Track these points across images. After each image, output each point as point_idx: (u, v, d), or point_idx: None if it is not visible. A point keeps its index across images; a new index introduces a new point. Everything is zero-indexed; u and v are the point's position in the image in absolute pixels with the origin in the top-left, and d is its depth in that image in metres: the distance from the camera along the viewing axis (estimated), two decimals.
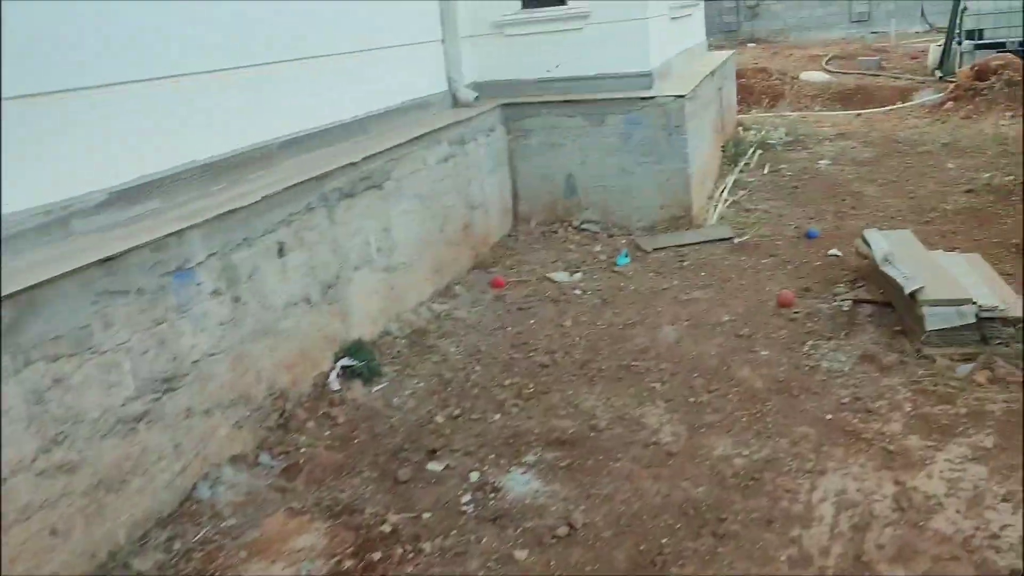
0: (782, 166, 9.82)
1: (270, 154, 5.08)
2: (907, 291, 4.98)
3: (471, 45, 7.91)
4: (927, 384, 4.48)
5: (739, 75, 15.79)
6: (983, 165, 9.00)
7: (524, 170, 7.96)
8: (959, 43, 15.02)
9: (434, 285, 6.29)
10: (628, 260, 6.95)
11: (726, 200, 8.50)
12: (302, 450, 4.25)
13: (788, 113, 13.45)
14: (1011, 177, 8.34)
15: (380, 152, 5.56)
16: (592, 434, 4.30)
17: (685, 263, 6.81)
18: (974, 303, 4.74)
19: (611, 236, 7.59)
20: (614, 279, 6.56)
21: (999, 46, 14.25)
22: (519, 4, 7.95)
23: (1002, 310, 4.71)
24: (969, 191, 8.10)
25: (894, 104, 13.69)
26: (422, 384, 4.98)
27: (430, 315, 5.91)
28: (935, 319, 4.80)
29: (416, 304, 5.96)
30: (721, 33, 28.23)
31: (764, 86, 15.41)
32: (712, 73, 9.27)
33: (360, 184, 5.31)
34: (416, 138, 6.04)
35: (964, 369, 4.57)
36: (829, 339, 5.18)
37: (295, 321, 4.60)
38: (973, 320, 4.73)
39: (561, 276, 6.64)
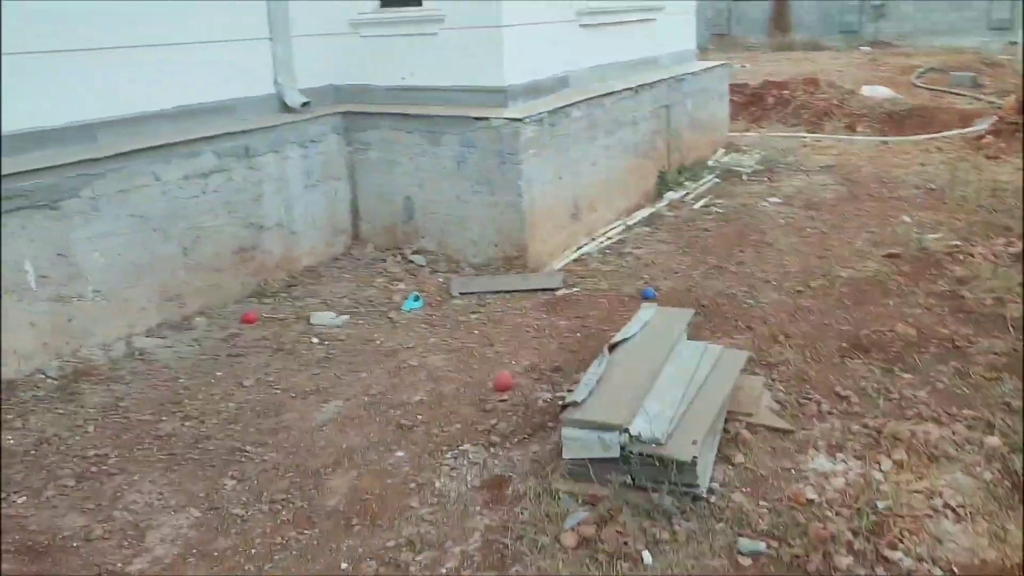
0: (721, 200, 8.50)
1: None
2: (564, 400, 3.89)
3: (325, 45, 7.12)
4: (510, 536, 3.43)
5: (783, 86, 14.25)
6: (945, 221, 7.40)
7: (366, 186, 7.16)
8: None
9: (162, 316, 5.63)
10: (419, 305, 6.04)
11: (609, 239, 7.37)
12: None
13: (803, 135, 11.82)
14: (956, 242, 6.76)
15: (56, 167, 4.94)
16: (76, 544, 3.54)
17: (475, 316, 5.84)
18: (625, 431, 3.61)
19: (434, 272, 6.67)
20: (376, 328, 5.69)
21: None
22: (378, 2, 7.11)
23: (657, 444, 3.56)
24: (891, 255, 6.62)
25: (949, 131, 11.79)
26: (12, 442, 4.34)
27: (123, 353, 5.27)
28: (574, 444, 3.71)
29: (116, 338, 5.32)
30: (840, 34, 25.97)
31: (805, 100, 13.68)
32: (635, 89, 8.06)
33: (3, 204, 4.70)
34: (139, 150, 5.38)
35: (573, 519, 3.48)
36: (494, 445, 4.16)
37: None
38: (617, 454, 3.61)
39: (324, 318, 5.83)
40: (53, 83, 5.22)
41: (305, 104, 6.78)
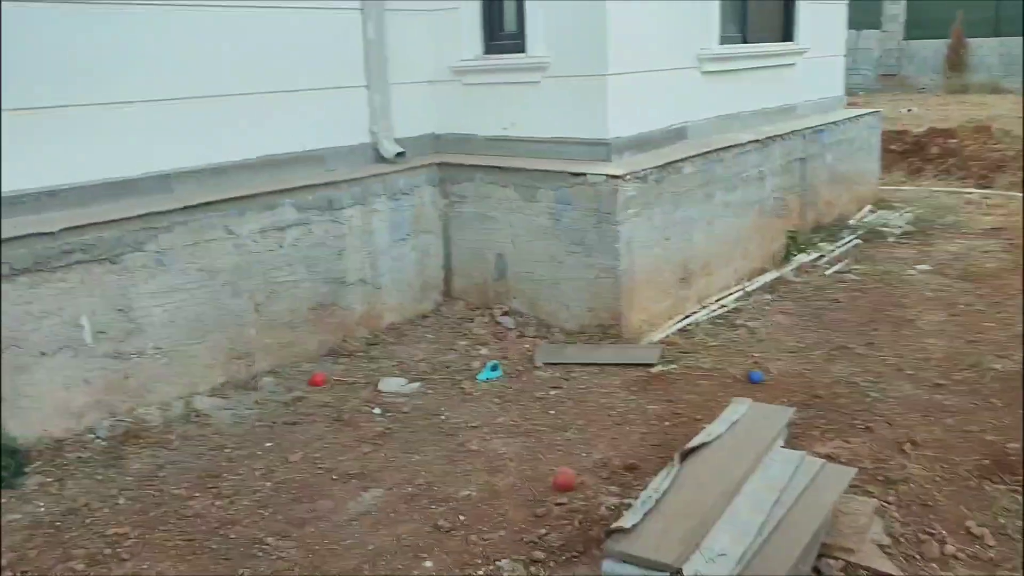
0: (860, 266, 7.58)
1: None
2: (610, 525, 3.27)
3: (425, 93, 6.87)
4: None
5: (950, 134, 12.95)
6: None
7: (460, 241, 6.77)
8: None
9: (227, 374, 5.40)
10: (496, 375, 5.55)
11: (723, 306, 6.65)
12: None
13: (969, 191, 10.57)
14: None
15: (118, 220, 4.80)
16: None
17: (554, 392, 5.30)
18: (677, 572, 2.96)
19: (521, 336, 6.17)
20: (445, 399, 5.24)
21: None
22: (481, 48, 6.76)
23: None
24: None
25: None
26: (43, 510, 4.15)
27: (180, 414, 5.05)
28: None
29: (175, 397, 5.12)
30: None
31: (975, 150, 12.33)
32: (763, 141, 7.32)
33: (61, 258, 4.58)
34: (210, 203, 5.20)
35: None
36: (536, 563, 3.58)
37: None
38: None
39: (393, 384, 5.44)
40: (129, 134, 5.14)
41: (400, 154, 6.49)
